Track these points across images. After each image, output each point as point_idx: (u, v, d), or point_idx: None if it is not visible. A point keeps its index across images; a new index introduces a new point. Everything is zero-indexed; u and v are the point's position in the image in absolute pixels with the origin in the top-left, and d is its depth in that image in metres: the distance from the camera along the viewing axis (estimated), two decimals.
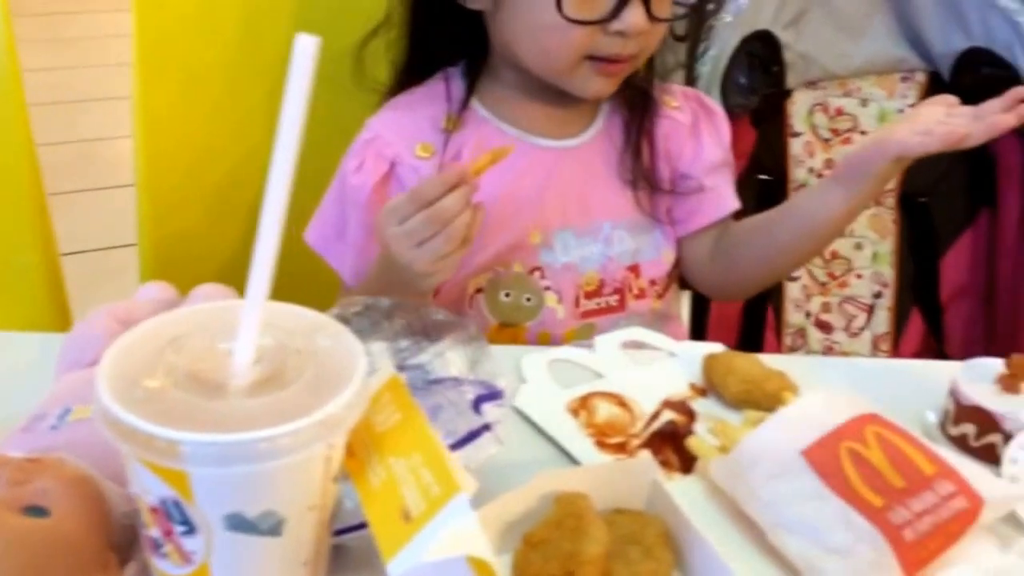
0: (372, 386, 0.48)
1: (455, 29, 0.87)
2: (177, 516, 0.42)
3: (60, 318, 1.10)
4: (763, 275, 0.95)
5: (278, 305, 0.47)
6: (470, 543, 0.40)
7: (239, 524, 0.42)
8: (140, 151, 1.00)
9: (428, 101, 0.89)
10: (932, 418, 0.67)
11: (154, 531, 0.43)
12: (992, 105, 0.78)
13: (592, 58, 0.81)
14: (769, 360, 0.70)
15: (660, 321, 0.95)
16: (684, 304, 1.11)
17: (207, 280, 0.63)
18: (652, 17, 0.79)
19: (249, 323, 0.44)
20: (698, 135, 0.94)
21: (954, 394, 0.65)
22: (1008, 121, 0.75)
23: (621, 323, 0.90)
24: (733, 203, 0.96)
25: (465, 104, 0.88)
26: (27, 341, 0.76)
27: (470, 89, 0.89)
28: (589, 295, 0.89)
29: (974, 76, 1.22)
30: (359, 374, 0.44)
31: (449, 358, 0.59)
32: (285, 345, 0.46)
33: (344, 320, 0.63)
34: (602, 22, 0.78)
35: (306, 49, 0.40)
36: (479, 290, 0.89)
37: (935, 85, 1.27)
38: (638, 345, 0.77)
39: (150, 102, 0.99)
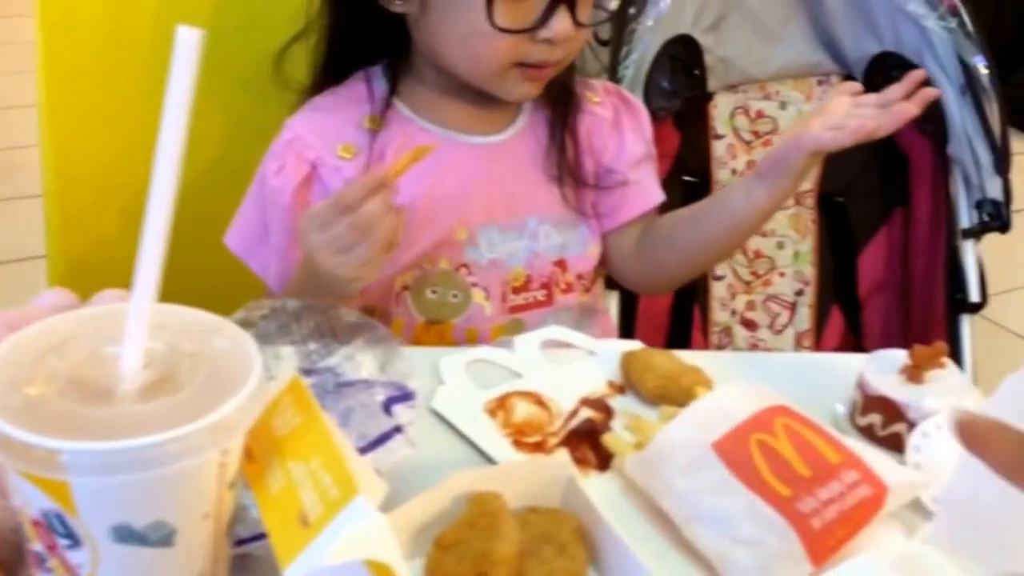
0: (272, 389, 0.46)
1: (376, 30, 0.87)
2: (60, 529, 0.40)
3: None
4: (687, 269, 0.97)
5: (171, 307, 0.46)
6: (369, 546, 0.39)
7: (127, 536, 0.40)
8: (48, 161, 0.97)
9: (349, 101, 0.88)
10: (841, 410, 0.68)
11: (38, 545, 0.41)
12: (894, 91, 0.80)
13: (520, 64, 0.82)
14: (687, 356, 0.70)
15: (588, 315, 0.96)
16: (613, 304, 1.11)
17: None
18: (578, 23, 0.80)
19: (136, 326, 0.43)
20: (620, 129, 0.95)
21: (861, 385, 0.66)
22: (911, 110, 0.77)
23: (549, 318, 0.91)
24: (658, 196, 0.97)
25: (388, 103, 0.88)
26: None
27: (392, 88, 0.89)
28: (516, 290, 0.90)
29: (886, 79, 1.25)
30: (255, 376, 0.43)
31: (360, 360, 0.58)
32: (177, 348, 0.44)
33: (251, 323, 0.62)
34: (531, 30, 0.79)
35: (188, 42, 0.39)
36: (405, 287, 0.88)
37: None
38: (558, 344, 0.76)
39: (57, 111, 0.96)
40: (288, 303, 0.59)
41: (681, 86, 1.25)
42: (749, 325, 1.31)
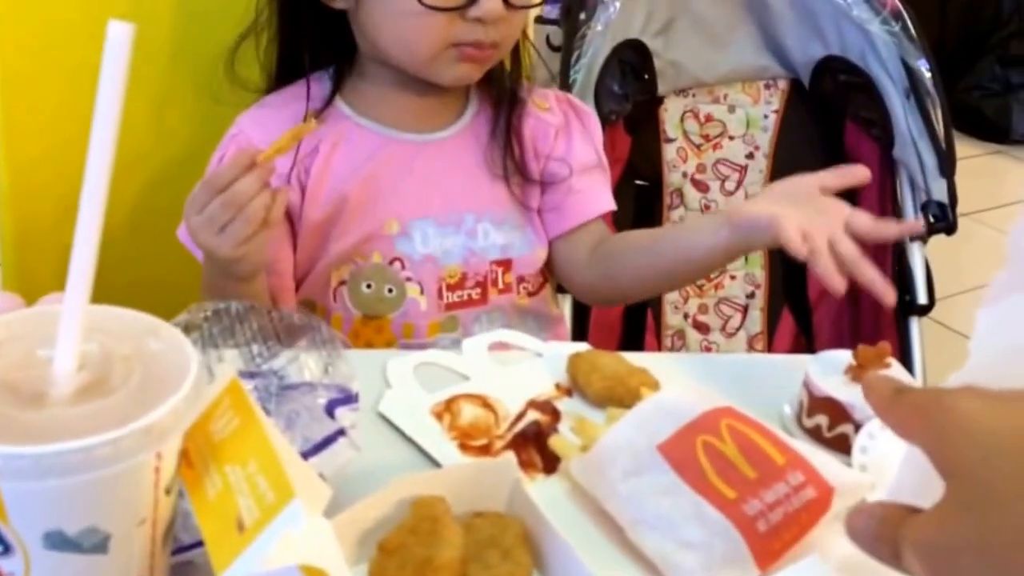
0: (211, 391, 0.46)
1: (322, 30, 0.87)
2: None
3: None
4: (637, 289, 0.97)
5: (107, 309, 0.45)
6: (305, 551, 0.39)
7: (59, 542, 0.39)
8: (2, 168, 0.95)
9: (293, 99, 0.89)
10: (788, 411, 0.69)
11: None
12: (890, 228, 0.80)
13: (455, 45, 0.82)
14: (634, 358, 0.70)
15: (542, 322, 0.95)
16: (566, 308, 1.11)
17: None
18: (509, 4, 0.81)
19: (69, 327, 0.42)
20: (569, 134, 0.94)
21: (807, 386, 0.67)
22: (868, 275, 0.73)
23: (483, 317, 0.90)
24: (607, 203, 0.96)
25: (329, 102, 0.88)
26: None
27: (336, 87, 0.89)
28: (451, 287, 0.89)
29: (833, 82, 1.27)
30: (190, 379, 0.42)
31: (303, 362, 0.58)
32: (111, 351, 0.43)
33: (194, 325, 0.61)
34: (459, 8, 0.79)
35: (119, 36, 0.38)
36: (342, 282, 0.88)
37: (796, 92, 1.32)
38: (506, 346, 0.76)
39: (12, 117, 0.95)
40: (232, 305, 0.58)
41: (632, 90, 1.25)
42: (702, 328, 1.32)
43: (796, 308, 1.32)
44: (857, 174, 0.80)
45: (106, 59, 0.39)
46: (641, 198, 1.32)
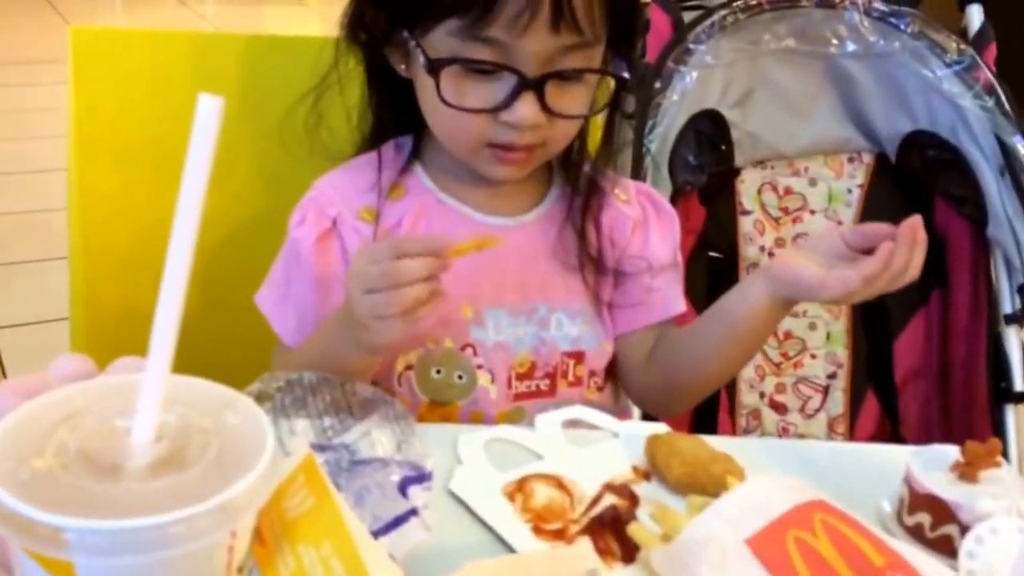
0: (285, 468, 0.44)
1: (397, 97, 0.86)
2: None
3: None
4: (691, 381, 0.91)
5: (186, 379, 0.44)
6: None
7: None
8: (74, 224, 0.97)
9: (373, 166, 0.87)
10: (887, 507, 0.65)
11: None
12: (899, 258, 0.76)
13: (492, 145, 0.79)
14: (716, 442, 0.67)
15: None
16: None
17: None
18: (548, 111, 0.76)
19: (149, 398, 0.41)
20: (647, 231, 0.91)
21: (908, 481, 0.63)
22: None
23: (551, 409, 0.86)
24: (679, 305, 0.93)
25: (407, 171, 0.87)
26: None
27: (414, 154, 0.88)
28: (521, 377, 0.86)
29: (921, 158, 1.24)
30: (267, 456, 0.41)
31: (375, 437, 0.56)
32: (189, 423, 0.42)
33: (267, 396, 0.60)
34: (490, 111, 0.76)
35: (209, 110, 0.38)
36: (409, 367, 0.85)
37: (882, 166, 1.29)
38: (580, 424, 0.74)
39: (86, 175, 0.97)
40: (304, 376, 0.57)
41: (707, 161, 1.24)
42: (779, 408, 1.28)
43: (881, 390, 1.27)
44: (881, 231, 0.77)
45: (195, 132, 0.38)
46: (715, 271, 1.29)
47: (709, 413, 1.24)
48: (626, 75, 0.80)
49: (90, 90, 0.96)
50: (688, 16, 1.19)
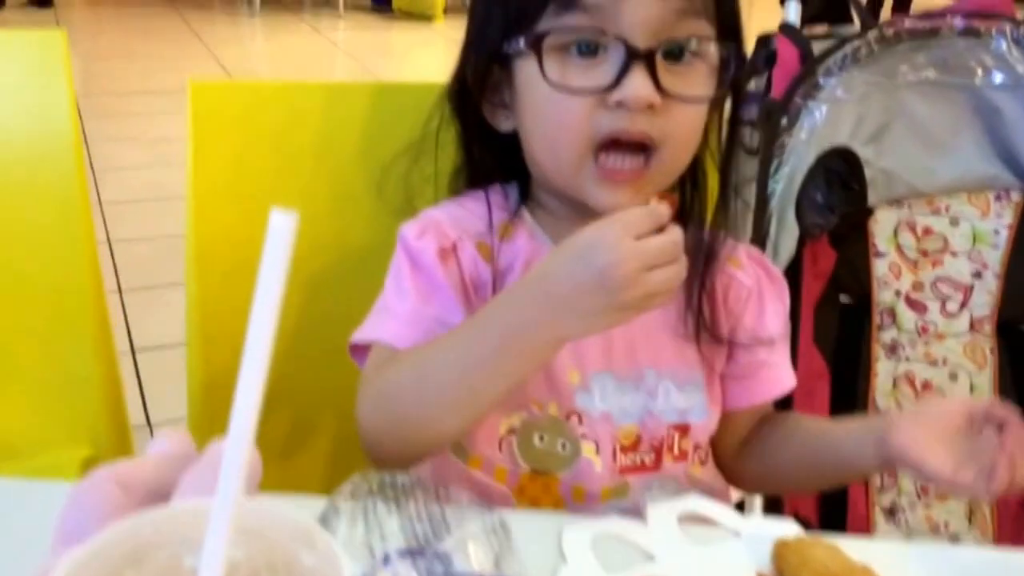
0: None
1: (500, 153, 0.83)
2: None
3: (117, 432, 1.06)
4: (787, 488, 0.91)
5: (262, 507, 0.40)
6: None
7: None
8: (191, 250, 0.98)
9: (482, 204, 0.84)
10: None
11: None
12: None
13: (596, 157, 0.74)
14: (855, 547, 0.59)
15: (714, 496, 0.85)
16: None
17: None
18: (661, 90, 0.70)
19: (217, 536, 0.37)
20: (761, 301, 0.85)
21: None
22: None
23: (654, 484, 0.81)
24: (790, 382, 0.87)
25: (515, 213, 0.83)
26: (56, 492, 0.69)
27: (523, 197, 0.85)
28: (625, 450, 0.80)
29: None
30: None
31: (471, 550, 0.51)
32: (259, 563, 0.38)
33: (359, 495, 0.56)
34: (598, 93, 0.71)
35: (282, 226, 0.34)
36: (511, 431, 0.80)
37: None
38: (697, 519, 0.67)
39: (204, 203, 0.97)
40: (399, 478, 0.53)
41: (838, 201, 1.15)
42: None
43: None
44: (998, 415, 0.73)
45: (268, 247, 0.35)
46: (847, 318, 1.20)
47: (837, 501, 1.14)
48: (740, 58, 0.76)
49: (208, 145, 0.96)
50: (818, 47, 1.10)
